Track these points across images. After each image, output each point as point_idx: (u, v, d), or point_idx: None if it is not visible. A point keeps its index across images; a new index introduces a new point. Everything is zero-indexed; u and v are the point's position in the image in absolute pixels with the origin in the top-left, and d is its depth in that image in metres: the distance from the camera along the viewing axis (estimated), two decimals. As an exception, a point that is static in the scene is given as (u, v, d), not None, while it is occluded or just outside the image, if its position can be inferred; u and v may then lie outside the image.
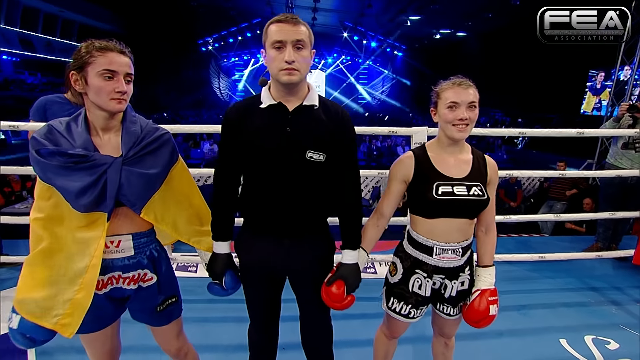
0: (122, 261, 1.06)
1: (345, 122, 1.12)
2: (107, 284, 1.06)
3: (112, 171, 0.98)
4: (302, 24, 1.02)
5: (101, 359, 1.19)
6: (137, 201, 1.03)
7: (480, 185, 1.14)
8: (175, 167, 1.14)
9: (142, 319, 1.16)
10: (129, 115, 1.06)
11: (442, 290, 1.23)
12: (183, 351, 1.27)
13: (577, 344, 1.90)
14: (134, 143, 1.03)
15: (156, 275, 1.12)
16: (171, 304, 1.17)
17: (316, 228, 1.20)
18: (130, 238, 1.07)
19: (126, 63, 1.00)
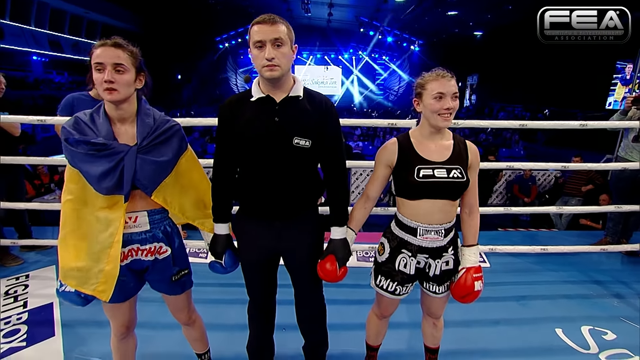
0: (140, 235, 1.20)
1: (329, 110, 1.22)
2: (127, 256, 1.20)
3: (128, 158, 1.12)
4: (280, 23, 1.11)
5: (121, 327, 1.33)
6: (149, 185, 1.16)
7: (460, 168, 1.21)
8: (185, 156, 1.27)
9: (159, 288, 1.31)
10: (143, 108, 1.19)
11: (426, 269, 1.30)
12: (192, 319, 1.44)
13: (573, 334, 1.92)
14: (148, 133, 1.16)
15: (170, 248, 1.26)
16: (184, 275, 1.32)
17: (305, 210, 1.30)
18: (145, 214, 1.20)
19: (113, 54, 1.08)
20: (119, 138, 1.15)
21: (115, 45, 1.09)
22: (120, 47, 1.10)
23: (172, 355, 1.73)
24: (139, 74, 1.16)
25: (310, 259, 1.33)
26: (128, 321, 1.34)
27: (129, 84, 1.12)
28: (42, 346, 1.77)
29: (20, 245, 2.70)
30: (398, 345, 1.81)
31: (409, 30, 19.87)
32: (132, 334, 1.40)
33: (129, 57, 1.11)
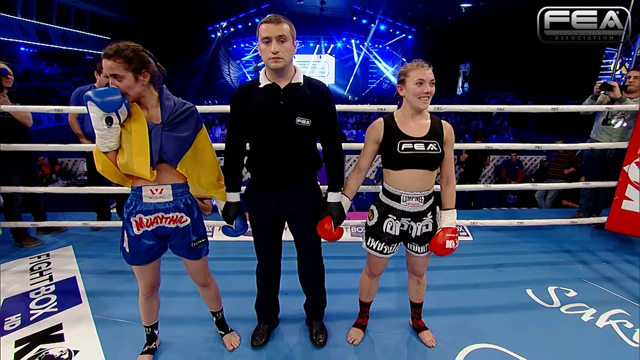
0: (164, 205, 1.40)
1: (325, 94, 1.44)
2: (153, 222, 1.41)
3: (155, 133, 1.33)
4: (284, 22, 1.32)
5: (147, 288, 1.55)
6: (174, 157, 1.37)
7: (436, 142, 1.43)
8: (200, 134, 1.46)
9: (180, 252, 1.50)
10: (164, 94, 1.39)
11: (409, 231, 1.53)
12: (208, 281, 1.66)
13: (541, 293, 2.19)
14: (170, 114, 1.36)
15: (190, 219, 1.45)
16: (201, 243, 1.52)
17: (306, 179, 1.53)
18: (170, 187, 1.40)
19: (108, 66, 1.23)
20: (147, 119, 1.35)
21: (108, 57, 1.23)
22: (111, 58, 1.23)
23: (189, 317, 1.95)
24: (139, 73, 1.28)
25: (310, 221, 1.56)
26: (153, 282, 1.55)
27: (130, 86, 1.27)
28: (73, 311, 1.99)
29: (37, 228, 2.89)
30: (388, 304, 2.06)
31: (402, 18, 19.84)
32: (156, 294, 1.62)
33: (120, 66, 1.24)
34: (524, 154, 6.84)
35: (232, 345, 1.74)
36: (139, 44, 1.31)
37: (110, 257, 2.60)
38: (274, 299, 1.81)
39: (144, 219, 1.40)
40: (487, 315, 1.99)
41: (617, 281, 2.33)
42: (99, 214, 3.12)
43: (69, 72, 19.34)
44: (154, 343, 1.71)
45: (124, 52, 1.25)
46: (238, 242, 2.65)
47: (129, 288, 2.21)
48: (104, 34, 19.02)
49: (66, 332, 1.82)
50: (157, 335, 1.73)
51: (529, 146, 2.53)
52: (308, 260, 1.69)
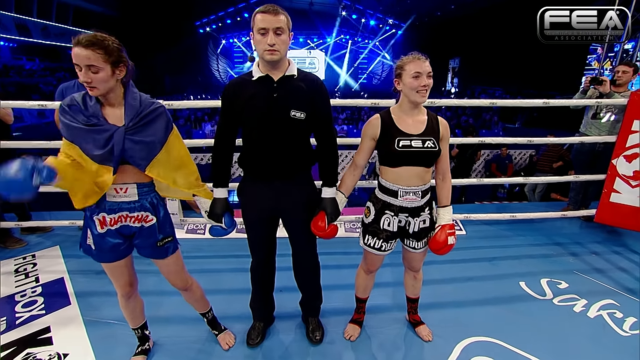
0: (129, 204, 1.33)
1: (320, 87, 1.41)
2: (117, 221, 1.34)
3: (117, 136, 1.23)
4: (281, 13, 1.28)
5: (124, 287, 1.47)
6: (141, 162, 1.28)
7: (433, 139, 1.41)
8: (171, 135, 1.37)
9: (146, 253, 1.43)
10: (130, 92, 1.29)
11: (406, 227, 1.52)
12: (188, 284, 1.57)
13: (534, 285, 2.22)
14: (134, 116, 1.25)
15: (155, 218, 1.38)
16: (168, 242, 1.44)
17: (301, 173, 1.50)
18: (135, 186, 1.33)
19: (84, 56, 1.13)
20: (108, 119, 1.25)
21: (85, 46, 1.13)
22: (89, 48, 1.14)
23: (180, 317, 1.91)
24: (117, 66, 1.20)
25: (305, 217, 1.53)
26: (128, 281, 1.47)
27: (105, 80, 1.19)
28: (61, 313, 1.93)
29: (21, 228, 2.79)
30: (384, 299, 2.06)
31: (392, 13, 19.85)
32: (136, 294, 1.54)
33: (100, 57, 1.15)
34: (513, 148, 6.93)
35: (227, 345, 1.71)
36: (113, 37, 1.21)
37: (99, 257, 2.53)
38: (269, 297, 1.79)
39: (107, 218, 1.33)
40: (481, 308, 2.00)
41: (606, 272, 2.37)
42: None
43: (52, 68, 18.77)
44: (146, 344, 1.67)
45: (105, 42, 1.16)
46: (229, 239, 2.61)
47: (120, 288, 2.16)
48: (87, 28, 18.37)
49: (55, 335, 1.76)
50: (149, 336, 1.69)
51: (521, 140, 2.55)
52: (303, 257, 1.66)
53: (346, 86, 23.12)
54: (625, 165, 2.60)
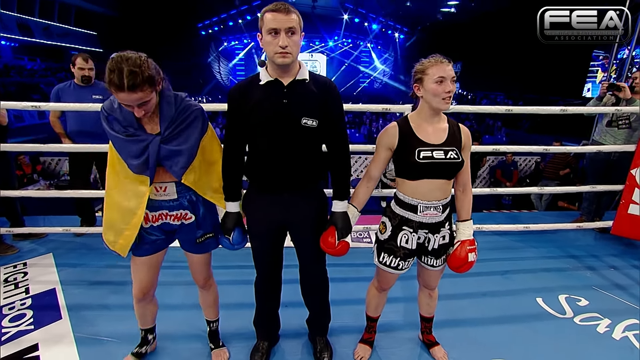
0: (168, 203, 1.33)
1: (333, 92, 1.30)
2: (158, 219, 1.35)
3: (152, 146, 1.20)
4: (293, 12, 1.18)
5: (141, 288, 1.44)
6: (178, 170, 1.25)
7: (455, 149, 1.30)
8: (206, 136, 1.33)
9: (186, 247, 1.44)
10: (165, 97, 1.23)
11: (426, 244, 1.41)
12: (209, 283, 1.57)
13: (551, 302, 2.10)
14: (169, 123, 1.22)
15: (194, 216, 1.38)
16: (208, 238, 1.44)
17: (311, 185, 1.39)
18: (174, 185, 1.31)
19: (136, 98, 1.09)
20: (145, 126, 1.23)
21: (132, 90, 1.07)
22: (138, 91, 1.08)
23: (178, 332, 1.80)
24: (158, 86, 1.18)
25: (314, 231, 1.42)
26: (148, 282, 1.45)
27: (154, 102, 1.18)
28: (51, 328, 1.80)
29: (13, 234, 2.68)
30: (395, 317, 1.94)
31: (394, 17, 19.85)
32: (150, 299, 1.53)
33: (148, 91, 1.12)
34: (518, 154, 6.83)
35: None
36: (139, 53, 1.13)
37: (95, 266, 2.41)
38: (275, 315, 1.67)
39: (150, 215, 1.34)
40: (499, 327, 1.89)
41: (627, 288, 2.26)
42: (83, 218, 2.92)
43: (54, 68, 18.70)
44: (145, 347, 1.62)
45: (145, 73, 1.09)
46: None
47: (116, 301, 2.04)
48: (89, 29, 18.44)
49: (42, 354, 1.64)
50: (152, 341, 1.65)
51: (537, 148, 2.44)
52: (311, 273, 1.55)
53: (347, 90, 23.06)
54: (645, 176, 2.49)
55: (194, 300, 1.68)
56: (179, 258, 1.61)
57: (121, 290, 2.14)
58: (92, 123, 2.59)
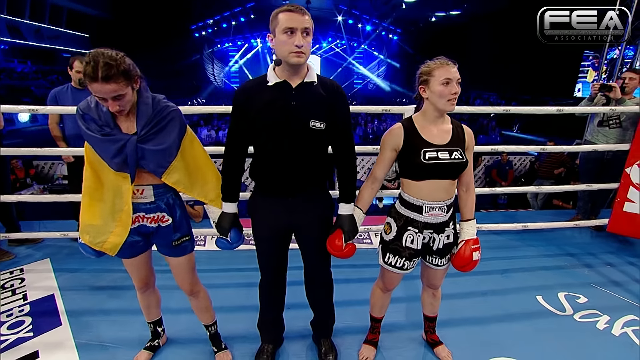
0: (145, 205, 1.33)
1: (341, 95, 1.31)
2: (135, 221, 1.34)
3: (129, 145, 1.21)
4: (307, 13, 1.18)
5: (139, 282, 1.50)
6: (157, 169, 1.26)
7: (459, 150, 1.32)
8: (186, 138, 1.32)
9: (163, 251, 1.44)
10: (142, 97, 1.23)
11: (430, 243, 1.42)
12: (196, 289, 1.54)
13: (551, 299, 2.13)
14: (146, 123, 1.23)
15: (171, 218, 1.38)
16: (185, 241, 1.43)
17: (317, 188, 1.39)
18: (151, 188, 1.32)
19: (109, 90, 1.09)
20: (121, 126, 1.23)
21: (106, 81, 1.08)
22: (111, 82, 1.09)
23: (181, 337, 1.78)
24: (134, 82, 1.18)
25: (320, 234, 1.42)
26: (145, 276, 1.49)
27: (130, 99, 1.18)
28: (51, 335, 1.78)
29: (9, 239, 2.63)
30: (398, 317, 1.95)
31: (388, 19, 19.95)
32: (152, 289, 1.56)
33: (122, 84, 1.12)
34: (513, 154, 6.91)
35: None
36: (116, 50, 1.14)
37: (94, 270, 2.38)
38: (279, 317, 1.67)
39: None
40: (501, 325, 1.90)
41: (624, 285, 2.29)
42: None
43: (45, 70, 18.46)
44: (157, 340, 1.66)
45: (120, 67, 1.10)
46: (232, 252, 2.48)
47: (117, 305, 2.02)
48: (81, 31, 18.25)
49: (43, 361, 1.62)
50: (162, 333, 1.69)
51: (535, 148, 2.47)
52: (317, 276, 1.55)
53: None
54: (639, 174, 2.53)
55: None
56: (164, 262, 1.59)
57: (120, 294, 2.12)
58: None
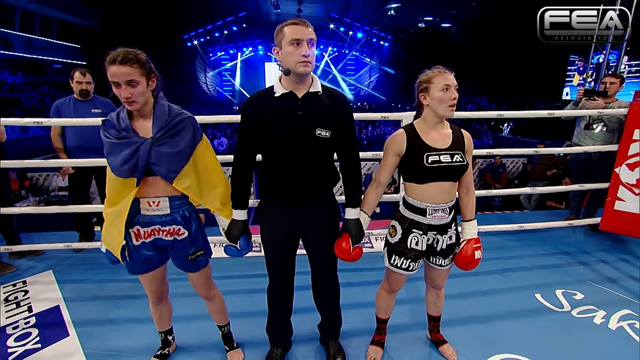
0: (161, 218, 1.35)
1: (345, 104, 1.37)
2: (150, 234, 1.36)
3: (143, 147, 1.25)
4: (311, 26, 1.25)
5: (153, 295, 1.52)
6: (168, 173, 1.29)
7: (460, 153, 1.38)
8: (200, 145, 1.37)
9: (179, 265, 1.46)
10: (158, 103, 1.30)
11: (434, 244, 1.47)
12: (212, 294, 1.59)
13: (549, 297, 2.19)
14: (161, 127, 1.28)
15: (187, 231, 1.40)
16: (200, 255, 1.45)
17: (324, 194, 1.45)
18: (167, 200, 1.34)
19: (124, 73, 1.17)
20: (138, 131, 1.29)
21: (123, 63, 1.17)
22: (127, 64, 1.18)
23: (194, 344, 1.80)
24: (149, 78, 1.26)
25: (328, 240, 1.46)
26: (159, 290, 1.52)
27: (143, 92, 1.24)
28: (59, 346, 1.78)
29: (9, 252, 2.62)
30: (403, 318, 1.99)
31: (378, 26, 20.26)
32: (165, 301, 1.59)
33: (137, 71, 1.20)
34: (506, 157, 7.05)
35: None
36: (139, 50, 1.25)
37: (97, 280, 2.39)
38: (288, 321, 1.70)
39: (142, 231, 1.36)
40: (502, 323, 1.96)
41: (618, 281, 2.37)
42: (81, 233, 2.88)
43: (36, 82, 18.30)
44: (167, 349, 1.69)
45: (138, 56, 1.20)
46: (235, 259, 2.51)
47: (123, 315, 2.03)
48: (72, 42, 18.19)
49: (54, 372, 1.62)
50: (172, 342, 1.71)
51: (528, 151, 2.56)
52: (324, 279, 1.59)
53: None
54: (628, 174, 2.63)
55: (203, 310, 1.69)
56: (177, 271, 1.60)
57: (126, 304, 2.13)
58: (91, 138, 2.60)
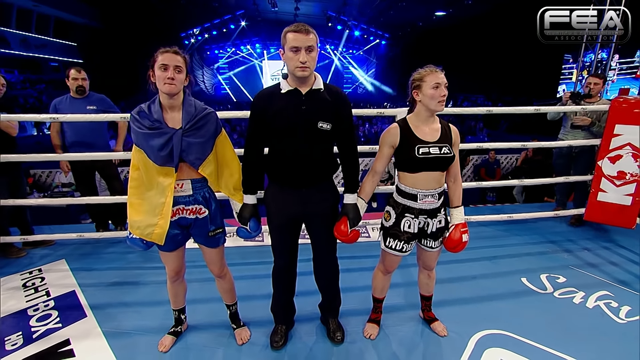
0: (184, 198, 1.51)
1: (344, 99, 1.52)
2: (176, 214, 1.52)
3: (175, 138, 1.41)
4: (312, 32, 1.38)
5: (172, 272, 1.66)
6: (195, 160, 1.46)
7: (447, 145, 1.53)
8: (220, 137, 1.55)
9: (200, 241, 1.61)
10: (187, 99, 1.48)
11: (425, 227, 1.62)
12: (224, 272, 1.75)
13: (534, 280, 2.35)
14: (190, 119, 1.45)
15: (208, 210, 1.56)
16: (219, 233, 1.63)
17: (325, 181, 1.60)
18: (190, 182, 1.51)
19: (175, 59, 1.38)
20: (168, 123, 1.45)
21: (175, 52, 1.41)
22: (178, 54, 1.41)
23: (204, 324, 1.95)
24: (187, 74, 1.46)
25: (329, 223, 1.61)
26: (178, 267, 1.66)
27: (182, 81, 1.43)
28: (78, 325, 1.92)
29: (23, 242, 2.75)
30: (397, 299, 2.14)
31: (375, 24, 20.36)
32: (182, 279, 1.73)
33: (184, 61, 1.42)
34: (500, 153, 7.21)
35: (241, 340, 1.80)
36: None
37: (109, 269, 2.52)
38: (291, 301, 1.84)
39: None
40: (490, 304, 2.11)
41: (598, 266, 2.54)
42: (98, 223, 3.01)
43: (32, 80, 18.27)
44: (180, 327, 1.83)
45: (185, 56, 1.44)
46: (238, 248, 2.64)
47: (136, 298, 2.17)
48: (69, 40, 18.15)
49: (75, 347, 1.76)
50: (184, 321, 1.85)
51: (516, 145, 2.71)
52: (325, 261, 1.73)
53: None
54: (610, 166, 2.79)
55: (211, 294, 1.84)
56: (190, 258, 1.78)
57: (137, 290, 2.27)
58: (88, 134, 2.70)
